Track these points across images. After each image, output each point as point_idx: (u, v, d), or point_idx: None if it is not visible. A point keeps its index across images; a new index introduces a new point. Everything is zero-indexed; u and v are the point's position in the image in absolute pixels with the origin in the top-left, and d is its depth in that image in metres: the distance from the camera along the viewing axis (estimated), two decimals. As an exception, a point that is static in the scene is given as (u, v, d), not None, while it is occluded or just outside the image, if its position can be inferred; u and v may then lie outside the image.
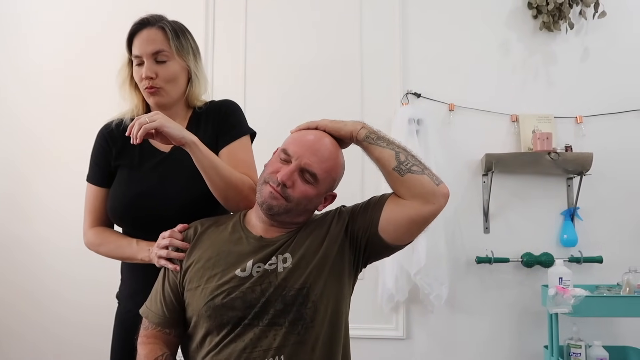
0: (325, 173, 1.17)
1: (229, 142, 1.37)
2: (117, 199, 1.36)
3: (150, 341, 1.20)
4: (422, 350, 2.49)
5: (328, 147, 1.19)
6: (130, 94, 1.40)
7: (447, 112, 2.56)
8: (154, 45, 1.32)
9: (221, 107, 1.42)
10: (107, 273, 1.60)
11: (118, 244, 1.35)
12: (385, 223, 1.15)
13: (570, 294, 2.02)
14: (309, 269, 1.13)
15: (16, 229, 2.70)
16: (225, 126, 1.39)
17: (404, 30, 2.62)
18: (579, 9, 2.56)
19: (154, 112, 1.22)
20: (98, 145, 1.42)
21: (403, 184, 1.13)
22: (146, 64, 1.32)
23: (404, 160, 1.14)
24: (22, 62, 2.80)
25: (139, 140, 1.16)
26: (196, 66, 1.39)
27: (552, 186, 2.51)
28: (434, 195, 1.11)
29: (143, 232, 1.34)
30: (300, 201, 1.16)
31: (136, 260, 1.31)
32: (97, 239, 1.38)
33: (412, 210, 1.12)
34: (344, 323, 1.20)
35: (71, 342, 2.58)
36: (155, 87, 1.33)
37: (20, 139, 2.75)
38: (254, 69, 2.66)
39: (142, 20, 1.35)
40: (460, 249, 2.46)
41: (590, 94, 2.53)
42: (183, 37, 1.36)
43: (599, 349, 2.15)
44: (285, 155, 1.17)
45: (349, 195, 1.33)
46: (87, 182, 1.42)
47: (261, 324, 1.10)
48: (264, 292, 1.11)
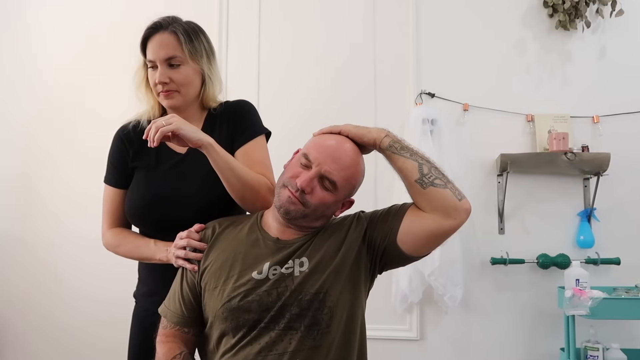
0: (345, 181, 1.17)
1: (244, 143, 1.37)
2: (134, 201, 1.37)
3: (169, 340, 1.21)
4: (435, 352, 2.48)
5: (349, 154, 1.18)
6: (147, 96, 1.41)
7: (462, 112, 2.55)
8: (167, 51, 1.32)
9: (236, 108, 1.42)
10: (124, 268, 1.62)
11: (136, 245, 1.36)
12: (404, 234, 1.14)
13: (587, 296, 2.00)
14: (325, 274, 1.13)
15: (37, 224, 2.75)
16: (241, 127, 1.39)
17: (418, 30, 2.61)
18: (595, 7, 2.52)
19: (170, 115, 1.23)
20: (115, 147, 1.43)
21: (424, 196, 1.12)
22: (160, 69, 1.32)
23: (426, 173, 1.12)
24: (29, 66, 2.82)
25: (156, 143, 1.17)
26: (210, 68, 1.39)
27: (569, 187, 2.48)
28: (456, 210, 1.11)
29: (160, 233, 1.34)
30: (318, 207, 1.16)
31: (154, 260, 1.32)
32: (115, 240, 1.39)
33: (432, 224, 1.11)
34: (360, 328, 1.19)
35: (92, 335, 2.62)
36: (170, 91, 1.33)
37: (28, 145, 2.79)
38: (267, 69, 2.67)
39: (155, 24, 1.35)
40: (475, 250, 2.45)
41: (607, 93, 2.50)
42: (196, 40, 1.36)
43: (617, 352, 2.13)
44: (306, 160, 1.16)
45: (362, 198, 1.32)
46: (104, 183, 1.44)
47: (277, 327, 1.10)
48: (280, 296, 1.11)
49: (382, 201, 2.44)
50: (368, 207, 1.27)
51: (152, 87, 1.37)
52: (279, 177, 1.22)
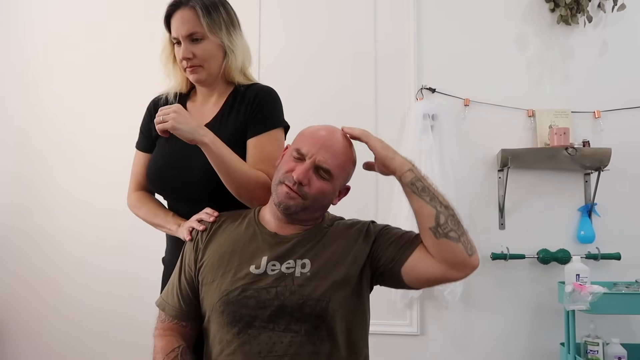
0: (339, 169, 1.18)
1: (258, 134, 1.36)
2: (149, 168, 1.44)
3: (167, 333, 1.21)
4: (436, 347, 2.49)
5: (341, 142, 1.19)
6: (175, 71, 1.45)
7: (462, 107, 2.54)
8: (187, 27, 1.34)
9: (257, 95, 1.40)
10: (131, 265, 1.63)
11: (154, 212, 1.42)
12: (409, 269, 1.14)
13: (587, 291, 2.00)
14: (329, 281, 1.13)
15: (38, 219, 2.76)
16: (257, 116, 1.37)
17: (418, 25, 2.60)
18: (597, 1, 2.51)
19: (173, 108, 1.25)
20: (145, 115, 1.51)
21: (436, 245, 1.11)
22: (183, 45, 1.35)
23: (442, 223, 1.10)
24: (49, 52, 2.84)
25: (165, 134, 1.25)
26: (230, 40, 1.39)
27: (569, 182, 2.48)
28: (464, 265, 1.10)
29: (174, 202, 1.43)
30: (317, 197, 1.17)
31: (165, 229, 1.39)
32: (138, 202, 1.46)
33: (437, 272, 1.11)
34: (362, 334, 1.20)
35: (98, 333, 2.64)
36: (194, 66, 1.36)
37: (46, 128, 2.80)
38: (268, 63, 2.66)
39: (175, 1, 1.37)
40: (476, 245, 2.43)
41: (608, 88, 2.49)
42: (215, 12, 1.37)
43: (617, 347, 2.13)
44: (299, 154, 1.17)
45: (363, 203, 1.32)
46: (135, 148, 1.51)
47: (277, 328, 1.10)
48: (278, 295, 1.11)
49: (382, 202, 2.47)
50: (369, 207, 1.27)
51: (179, 63, 1.40)
52: (273, 176, 1.22)
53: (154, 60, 1.48)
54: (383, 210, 2.43)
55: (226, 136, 1.33)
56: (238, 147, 1.34)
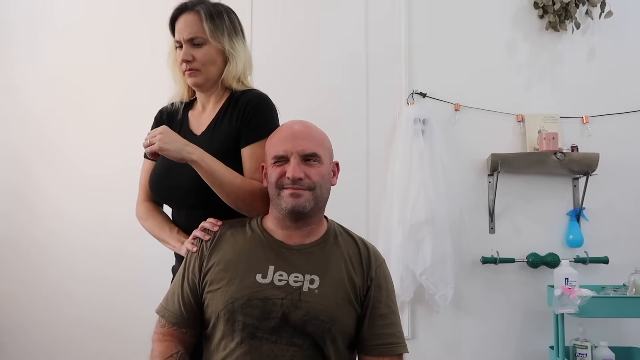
0: (321, 147, 1.21)
1: (251, 142, 1.34)
2: (150, 177, 1.44)
3: (166, 339, 1.20)
4: (427, 350, 2.49)
5: (305, 125, 1.24)
6: (181, 76, 1.45)
7: (453, 112, 2.56)
8: (189, 30, 1.35)
9: (251, 101, 1.38)
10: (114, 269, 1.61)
11: (160, 225, 1.41)
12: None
13: (576, 295, 2.01)
14: (336, 301, 1.15)
15: (26, 225, 2.70)
16: (250, 124, 1.35)
17: (409, 30, 2.62)
18: (585, 8, 2.55)
19: (159, 130, 1.26)
20: (153, 125, 1.50)
21: None
22: (184, 48, 1.36)
23: None
24: (37, 60, 2.78)
25: (155, 156, 1.30)
26: (232, 46, 1.40)
27: (558, 186, 2.51)
28: None
29: (172, 207, 1.44)
30: (321, 182, 1.19)
31: (169, 245, 1.38)
32: (145, 214, 1.46)
33: None
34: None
35: (80, 341, 2.58)
36: (192, 69, 1.37)
37: (32, 135, 2.74)
38: (258, 67, 2.63)
39: (181, 6, 1.39)
40: (466, 249, 2.46)
41: (596, 94, 2.53)
42: (218, 18, 1.38)
43: (605, 350, 2.15)
44: (279, 159, 1.18)
45: (355, 215, 1.32)
46: (144, 157, 1.50)
47: (280, 341, 1.11)
48: (284, 308, 1.11)
49: (373, 207, 2.47)
50: (361, 212, 1.27)
51: (179, 66, 1.41)
52: (268, 192, 1.23)
53: (143, 70, 1.49)
54: (374, 217, 2.42)
55: (219, 143, 1.33)
56: (231, 153, 1.33)
